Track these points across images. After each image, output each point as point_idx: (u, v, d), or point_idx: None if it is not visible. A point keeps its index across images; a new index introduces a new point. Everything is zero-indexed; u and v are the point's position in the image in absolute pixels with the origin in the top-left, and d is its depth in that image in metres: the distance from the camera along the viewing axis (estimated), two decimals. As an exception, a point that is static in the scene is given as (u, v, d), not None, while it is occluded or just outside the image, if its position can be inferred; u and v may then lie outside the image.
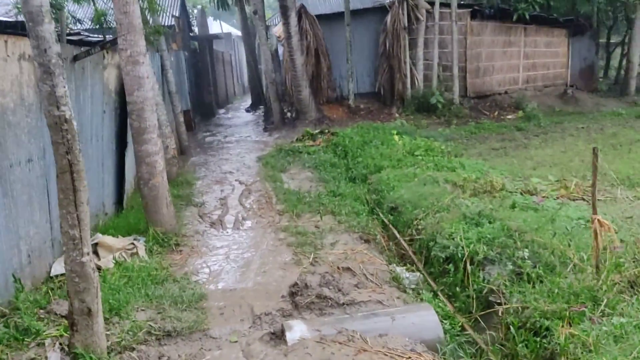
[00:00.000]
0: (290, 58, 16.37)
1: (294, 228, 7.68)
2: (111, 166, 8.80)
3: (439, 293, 5.78)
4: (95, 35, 9.28)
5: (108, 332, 4.52)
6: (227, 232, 7.77)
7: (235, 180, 11.30)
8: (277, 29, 20.03)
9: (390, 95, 18.54)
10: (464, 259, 5.91)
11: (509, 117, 17.38)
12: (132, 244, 6.52)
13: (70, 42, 7.56)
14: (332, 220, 8.10)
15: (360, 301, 5.18)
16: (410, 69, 18.06)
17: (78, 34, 9.19)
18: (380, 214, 8.61)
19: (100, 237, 6.60)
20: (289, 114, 18.90)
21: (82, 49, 7.46)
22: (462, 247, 6.06)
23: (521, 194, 8.26)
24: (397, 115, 17.82)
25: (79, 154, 3.27)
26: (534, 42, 19.80)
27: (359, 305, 5.10)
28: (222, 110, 27.27)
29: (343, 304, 5.11)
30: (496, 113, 17.72)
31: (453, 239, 6.33)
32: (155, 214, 7.13)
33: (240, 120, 23.51)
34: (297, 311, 5.06)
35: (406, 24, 17.80)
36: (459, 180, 9.04)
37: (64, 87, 3.12)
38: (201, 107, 23.19)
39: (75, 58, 7.12)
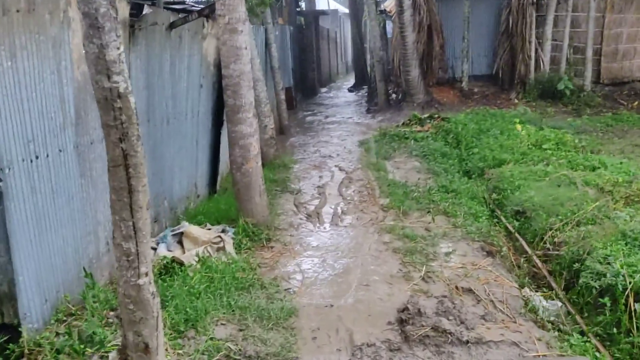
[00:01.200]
0: (401, 35, 15.06)
1: (400, 229, 6.60)
2: (206, 145, 8.19)
3: (590, 335, 4.49)
4: (202, 6, 8.67)
5: (180, 351, 3.75)
6: (325, 228, 6.85)
7: (335, 165, 10.37)
8: (388, 3, 18.71)
9: (510, 78, 16.68)
10: (626, 293, 4.56)
11: (652, 108, 14.95)
12: (219, 236, 5.79)
13: (168, 9, 6.93)
14: (445, 223, 6.94)
15: (489, 341, 4.04)
16: (536, 49, 16.07)
17: (183, 2, 8.61)
18: (503, 219, 7.29)
19: (186, 227, 5.94)
20: (394, 96, 17.68)
21: (179, 16, 6.79)
22: (624, 277, 4.69)
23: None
24: (516, 101, 15.98)
25: (138, 142, 2.43)
26: (688, 22, 16.92)
27: (487, 347, 3.97)
28: (324, 89, 26.49)
29: (467, 342, 4.00)
30: (636, 103, 15.32)
31: (609, 263, 4.96)
32: (247, 203, 6.37)
33: (342, 100, 22.58)
34: (408, 345, 4.03)
35: (535, -1, 15.81)
36: (604, 183, 7.48)
37: (118, 49, 2.27)
38: (303, 85, 22.51)
39: (172, 25, 6.45)
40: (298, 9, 25.23)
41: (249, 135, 6.19)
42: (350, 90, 25.73)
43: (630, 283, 4.63)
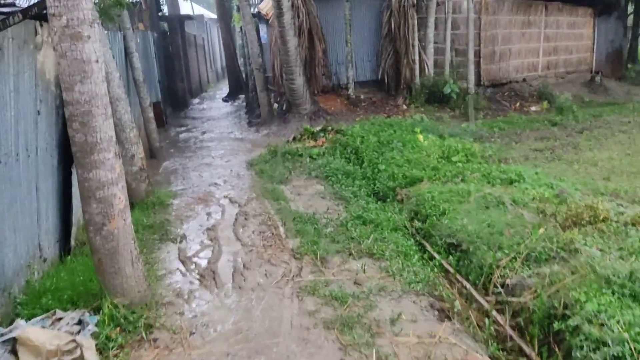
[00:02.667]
0: (282, 39, 13.67)
1: (324, 287, 5.14)
2: (51, 190, 6.10)
3: None
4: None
5: None
6: (226, 295, 5.16)
7: (225, 196, 8.66)
8: (263, 6, 17.25)
9: (396, 83, 16.04)
10: (638, 369, 3.51)
11: (533, 109, 15.10)
12: (74, 341, 3.90)
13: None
14: (375, 270, 5.61)
15: None
16: (420, 53, 15.58)
17: (12, 3, 6.40)
18: (435, 255, 6.13)
19: (21, 328, 3.97)
20: (276, 106, 16.27)
21: (-6, 17, 4.74)
22: (630, 346, 3.64)
23: (633, 224, 5.90)
24: (404, 107, 15.35)
25: None
26: (556, 23, 17.53)
27: None
28: (195, 100, 24.39)
29: None
30: (518, 104, 15.42)
31: (603, 324, 3.91)
32: (113, 278, 4.51)
33: (218, 112, 20.71)
34: None
35: (415, 0, 15.28)
36: (539, 202, 6.65)
37: None
38: (172, 97, 20.33)
39: (-20, 31, 4.41)
40: (160, 14, 22.90)
41: (110, 184, 4.35)
42: (225, 100, 23.94)
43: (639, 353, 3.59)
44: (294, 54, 13.81)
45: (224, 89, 28.14)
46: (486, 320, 4.56)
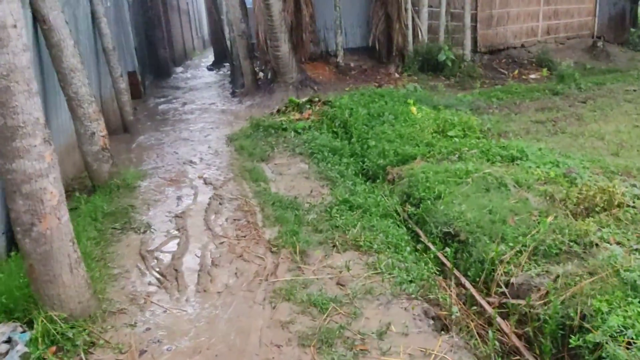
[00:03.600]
0: (265, 3, 12.68)
1: (302, 289, 4.45)
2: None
3: None
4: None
5: None
6: (188, 300, 4.46)
7: (199, 177, 7.90)
8: (245, -33, 16.12)
9: (387, 50, 15.13)
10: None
11: (532, 76, 14.30)
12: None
13: None
14: (361, 265, 4.92)
15: None
16: (413, 17, 14.64)
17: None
18: (430, 246, 5.45)
19: None
20: (262, 75, 15.37)
21: None
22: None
23: (652, 210, 5.23)
24: (397, 75, 14.50)
25: None
26: (557, -16, 16.58)
27: None
28: (179, 69, 23.32)
29: None
30: (516, 72, 14.60)
31: (630, 344, 3.25)
32: (47, 287, 3.79)
33: (201, 81, 19.74)
34: None
35: (408, -40, 14.28)
36: (545, 184, 5.96)
37: None
38: (153, 66, 19.28)
39: None
40: (139, -24, 21.62)
41: (38, 176, 3.58)
42: (209, 69, 22.91)
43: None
44: (278, 19, 12.86)
45: (210, 56, 27.02)
46: (489, 331, 3.88)
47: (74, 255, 3.85)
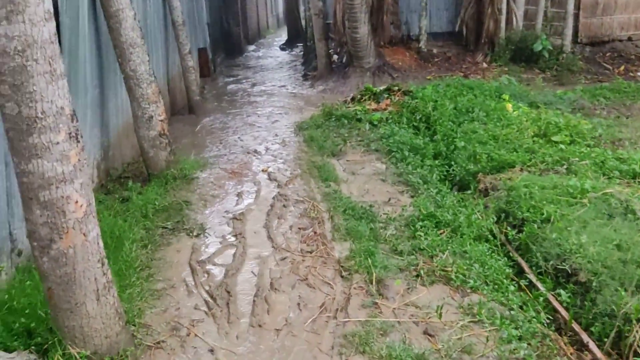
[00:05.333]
0: (346, -20, 11.68)
1: (379, 337, 3.53)
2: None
3: None
4: None
5: None
6: (238, 337, 3.63)
7: (263, 170, 7.10)
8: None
9: (476, 37, 13.74)
10: None
11: (642, 74, 12.53)
12: None
13: None
14: (453, 308, 3.93)
15: None
16: (508, 1, 13.16)
17: None
18: (540, 286, 4.37)
19: None
20: (336, 57, 14.38)
21: None
22: None
23: None
24: (485, 64, 13.14)
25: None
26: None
27: None
28: (251, 47, 22.74)
29: None
30: (622, 68, 12.85)
31: None
32: (68, 317, 3.07)
33: (273, 60, 19.03)
34: None
35: (507, -63, 12.78)
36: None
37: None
38: (226, 43, 18.74)
39: None
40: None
41: (60, 181, 2.83)
42: (282, 48, 22.18)
43: None
44: (359, -1, 11.81)
45: (284, 35, 26.31)
46: None
47: (102, 279, 3.10)
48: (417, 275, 4.37)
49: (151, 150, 6.33)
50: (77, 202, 2.90)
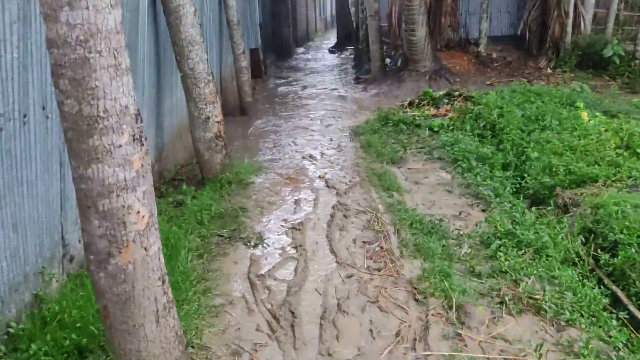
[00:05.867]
0: (405, -20, 11.24)
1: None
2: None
3: None
4: None
5: None
6: (305, 366, 3.26)
7: (320, 177, 6.74)
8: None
9: (539, 41, 13.08)
10: None
11: None
12: None
13: None
14: (549, 343, 3.43)
15: None
16: (575, 3, 12.44)
17: None
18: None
19: None
20: (389, 61, 13.93)
21: None
22: None
23: None
24: (549, 70, 12.46)
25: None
26: None
27: None
28: (300, 49, 22.53)
29: None
30: (702, 76, 11.93)
31: None
32: (125, 339, 2.75)
33: (322, 63, 18.74)
34: None
35: None
36: None
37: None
38: (275, 45, 18.53)
39: None
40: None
41: (122, 189, 2.51)
42: (331, 51, 21.88)
43: None
44: (417, 0, 11.34)
45: (332, 38, 26.04)
46: None
47: (163, 299, 2.77)
48: (501, 302, 3.89)
49: (206, 153, 6.05)
50: (139, 212, 2.58)
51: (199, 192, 5.85)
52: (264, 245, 4.87)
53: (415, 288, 4.08)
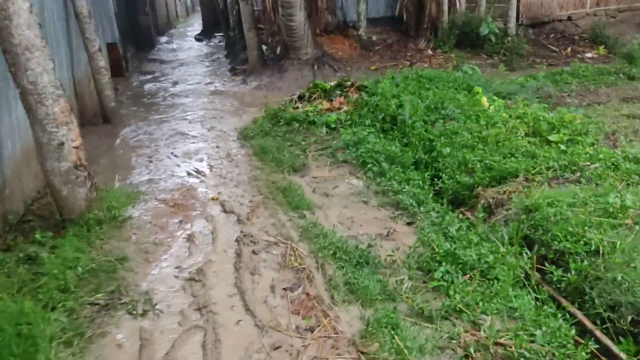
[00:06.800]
0: (278, -40, 10.25)
1: None
2: None
3: None
4: None
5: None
6: None
7: (213, 198, 5.64)
8: None
9: (417, 21, 12.84)
10: None
11: (588, 55, 12.15)
12: None
13: None
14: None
15: None
16: (449, -18, 12.31)
17: None
18: (615, 349, 3.34)
19: None
20: (266, 49, 12.92)
21: None
22: None
23: None
24: (429, 51, 12.23)
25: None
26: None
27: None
28: (163, 39, 20.67)
29: None
30: (569, 49, 12.42)
31: None
32: None
33: (191, 53, 17.21)
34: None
35: None
36: None
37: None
38: (135, 36, 16.67)
39: None
40: None
41: None
42: (198, 39, 20.31)
43: None
44: (293, -19, 10.44)
45: (196, 24, 24.39)
46: None
47: None
48: (466, 356, 3.19)
49: (64, 188, 4.69)
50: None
51: (60, 241, 4.51)
52: (156, 311, 3.74)
53: (362, 352, 3.23)
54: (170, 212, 5.33)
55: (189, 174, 6.44)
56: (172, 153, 7.28)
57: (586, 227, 4.24)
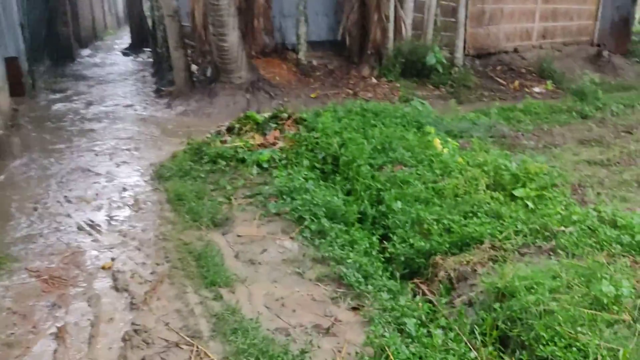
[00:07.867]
0: (208, -27, 9.13)
1: None
2: None
3: None
4: None
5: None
6: None
7: (104, 267, 4.38)
8: None
9: (360, 47, 12.01)
10: None
11: (537, 90, 11.72)
12: None
13: None
14: None
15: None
16: (395, 7, 11.57)
17: None
18: None
19: None
20: (196, 69, 11.72)
21: None
22: None
23: None
24: (373, 79, 11.41)
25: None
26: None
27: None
28: (86, 51, 18.99)
29: None
30: (517, 83, 11.95)
31: None
32: None
33: (115, 69, 15.71)
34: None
35: None
36: None
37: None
38: (51, 47, 15.03)
39: None
40: None
41: None
42: (125, 53, 18.81)
43: None
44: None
45: (126, 37, 22.74)
46: None
47: None
48: None
49: None
50: None
51: None
52: None
53: None
54: (41, 291, 4.02)
55: (79, 228, 5.13)
56: (65, 197, 5.93)
57: (571, 322, 3.33)
